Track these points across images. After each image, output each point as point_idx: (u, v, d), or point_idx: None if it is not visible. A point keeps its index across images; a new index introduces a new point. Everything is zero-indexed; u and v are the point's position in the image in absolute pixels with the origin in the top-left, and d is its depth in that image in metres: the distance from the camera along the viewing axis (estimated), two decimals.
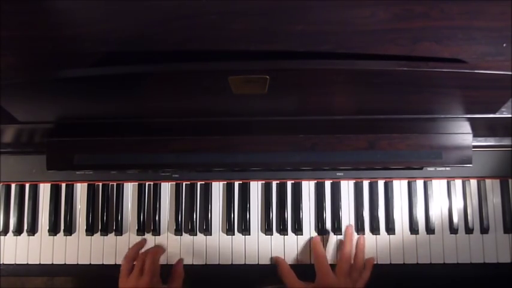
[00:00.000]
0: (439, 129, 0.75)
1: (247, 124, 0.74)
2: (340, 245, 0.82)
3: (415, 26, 0.62)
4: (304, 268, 0.82)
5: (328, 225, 0.84)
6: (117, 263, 0.84)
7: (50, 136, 0.78)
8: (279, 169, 0.83)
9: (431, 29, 0.62)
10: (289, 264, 0.81)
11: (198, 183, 0.86)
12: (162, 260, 0.83)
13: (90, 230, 0.85)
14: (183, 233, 0.85)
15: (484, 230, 0.83)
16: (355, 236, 0.83)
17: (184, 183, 0.86)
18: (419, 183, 0.85)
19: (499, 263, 0.82)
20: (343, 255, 0.79)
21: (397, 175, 0.84)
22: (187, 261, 0.83)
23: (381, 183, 0.85)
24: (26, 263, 0.85)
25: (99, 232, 0.85)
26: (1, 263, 0.85)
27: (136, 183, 0.87)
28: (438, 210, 0.84)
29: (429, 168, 0.83)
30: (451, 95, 0.64)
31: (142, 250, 0.82)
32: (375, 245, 0.83)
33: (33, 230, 0.86)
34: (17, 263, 0.85)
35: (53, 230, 0.85)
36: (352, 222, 0.84)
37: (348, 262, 0.79)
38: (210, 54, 0.63)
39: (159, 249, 0.82)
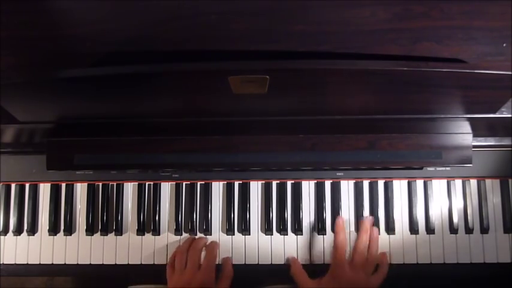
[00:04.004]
0: (439, 129, 0.75)
1: (247, 124, 0.74)
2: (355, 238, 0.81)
3: (415, 26, 0.62)
4: (305, 268, 0.81)
5: (328, 225, 0.84)
6: (117, 263, 0.84)
7: (50, 136, 0.78)
8: (279, 169, 0.83)
9: (431, 29, 0.61)
10: None
11: (198, 183, 0.86)
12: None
13: (90, 230, 0.85)
14: (183, 233, 0.85)
15: (484, 230, 0.83)
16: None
17: (184, 183, 0.86)
18: (419, 183, 0.85)
19: (499, 263, 0.81)
20: (357, 247, 0.79)
21: (397, 175, 0.84)
22: None
23: (380, 183, 0.85)
24: (26, 263, 0.85)
25: (99, 232, 0.85)
26: (1, 263, 0.85)
27: (136, 183, 0.87)
28: (438, 210, 0.84)
29: (429, 168, 0.83)
30: (451, 94, 0.64)
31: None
32: None
33: (33, 230, 0.86)
34: (17, 263, 0.85)
35: (53, 230, 0.85)
36: (352, 222, 0.84)
37: (363, 254, 0.78)
38: (210, 54, 0.63)
39: (216, 246, 0.81)
